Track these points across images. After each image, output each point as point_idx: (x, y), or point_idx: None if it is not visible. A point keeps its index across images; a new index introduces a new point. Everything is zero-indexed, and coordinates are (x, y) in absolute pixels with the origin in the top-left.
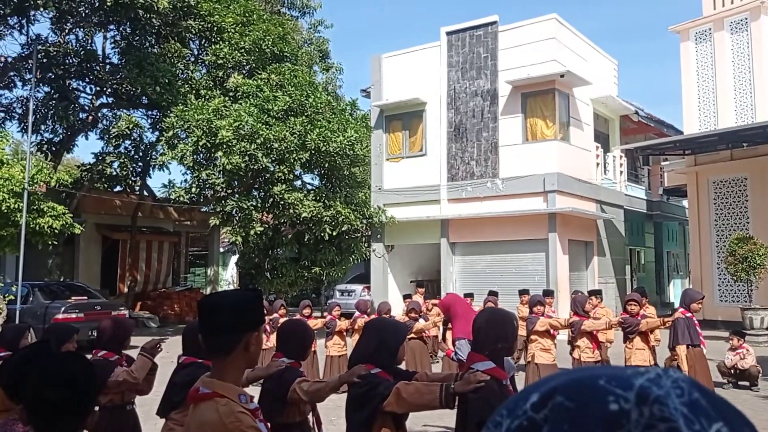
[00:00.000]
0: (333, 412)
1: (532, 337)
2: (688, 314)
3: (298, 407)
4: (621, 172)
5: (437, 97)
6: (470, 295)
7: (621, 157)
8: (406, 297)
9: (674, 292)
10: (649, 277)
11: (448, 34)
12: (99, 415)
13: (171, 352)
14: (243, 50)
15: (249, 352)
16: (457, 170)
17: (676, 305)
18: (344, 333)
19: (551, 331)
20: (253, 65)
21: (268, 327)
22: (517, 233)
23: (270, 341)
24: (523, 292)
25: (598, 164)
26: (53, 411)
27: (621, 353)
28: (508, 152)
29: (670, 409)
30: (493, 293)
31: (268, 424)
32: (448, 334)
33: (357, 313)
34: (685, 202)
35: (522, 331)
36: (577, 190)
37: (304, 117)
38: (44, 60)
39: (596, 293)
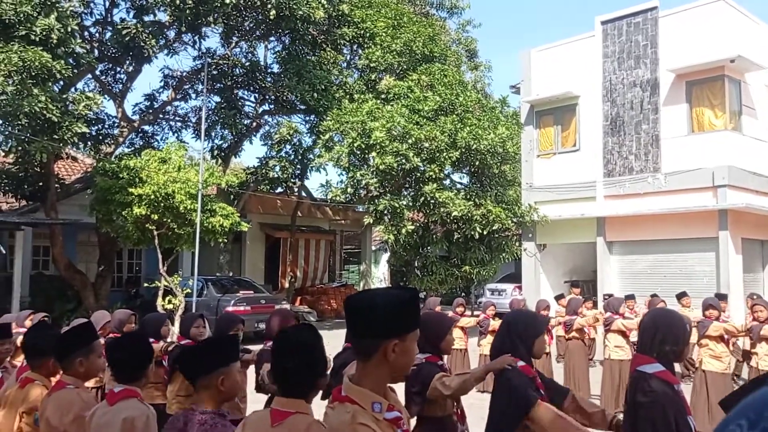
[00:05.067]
0: (487, 411)
1: (702, 341)
2: None
3: (438, 403)
4: None
5: (591, 90)
6: (631, 297)
7: None
8: (558, 298)
9: None
10: None
11: (603, 23)
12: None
13: (332, 344)
14: (394, 52)
15: (389, 361)
16: (614, 165)
17: None
18: None
19: (726, 336)
20: (404, 67)
21: None
22: (683, 231)
23: None
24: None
25: None
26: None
27: None
28: (671, 145)
29: None
30: (654, 296)
31: None
32: (611, 336)
33: None
34: None
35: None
36: (752, 183)
37: (454, 116)
38: (214, 72)
39: None
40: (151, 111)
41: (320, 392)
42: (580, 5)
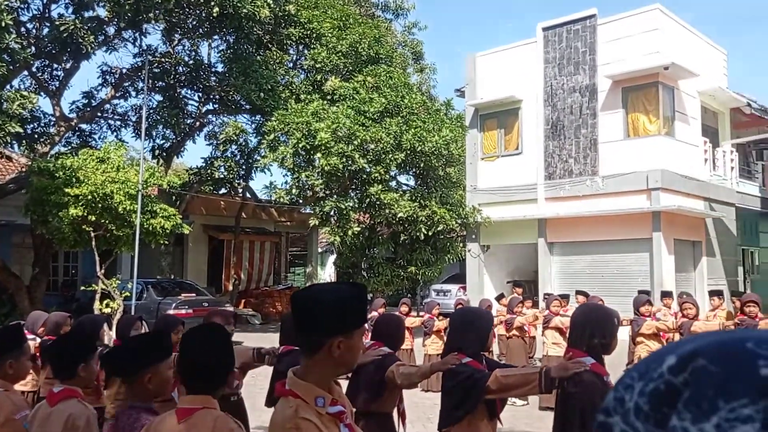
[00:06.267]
0: (431, 410)
1: (638, 339)
2: None
3: (392, 397)
4: (732, 168)
5: (533, 95)
6: (566, 297)
7: (732, 152)
8: (499, 298)
9: None
10: (764, 279)
11: (545, 29)
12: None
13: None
14: (340, 53)
15: (334, 357)
16: (555, 168)
17: None
18: (442, 332)
19: (660, 334)
20: (350, 68)
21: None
22: (619, 232)
23: (367, 337)
24: (665, 294)
25: (706, 160)
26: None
27: None
28: (608, 149)
29: None
30: (581, 293)
31: (356, 429)
32: (548, 332)
33: None
34: None
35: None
36: (684, 187)
37: (399, 118)
38: (156, 70)
39: (717, 294)
40: (89, 109)
41: (265, 398)
42: (524, 11)
